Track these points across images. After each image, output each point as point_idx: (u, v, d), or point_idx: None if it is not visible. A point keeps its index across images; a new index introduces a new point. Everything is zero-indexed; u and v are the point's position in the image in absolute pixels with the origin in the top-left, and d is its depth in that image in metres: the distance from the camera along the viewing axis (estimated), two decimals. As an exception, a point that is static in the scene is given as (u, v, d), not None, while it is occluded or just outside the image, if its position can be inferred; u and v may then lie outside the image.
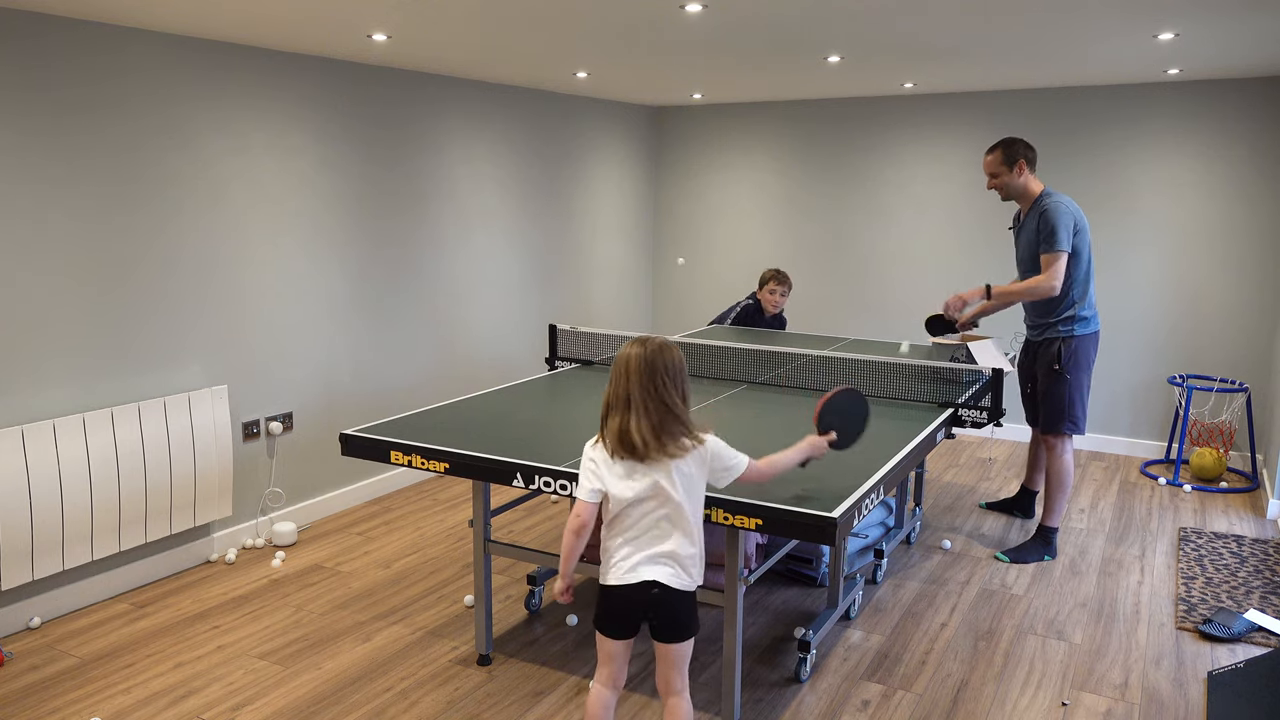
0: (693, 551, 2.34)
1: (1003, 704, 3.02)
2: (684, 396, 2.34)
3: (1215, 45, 4.09)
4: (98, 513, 3.59)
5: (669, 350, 2.34)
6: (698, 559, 2.36)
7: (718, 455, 2.37)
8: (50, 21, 3.40)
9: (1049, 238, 3.93)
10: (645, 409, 2.28)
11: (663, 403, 2.28)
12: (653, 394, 2.28)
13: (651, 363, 2.30)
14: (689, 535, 2.32)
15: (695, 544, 2.34)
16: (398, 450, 3.00)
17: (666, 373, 2.30)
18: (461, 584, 3.91)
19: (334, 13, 3.35)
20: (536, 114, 5.89)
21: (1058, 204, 3.95)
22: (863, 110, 6.35)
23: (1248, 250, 5.42)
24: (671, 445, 2.28)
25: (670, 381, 2.30)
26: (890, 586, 3.90)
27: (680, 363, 2.35)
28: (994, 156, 4.06)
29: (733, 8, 3.24)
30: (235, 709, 2.97)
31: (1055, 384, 4.11)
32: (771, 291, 5.26)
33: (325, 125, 4.49)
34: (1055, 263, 3.93)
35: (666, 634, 2.36)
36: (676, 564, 2.32)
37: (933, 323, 4.40)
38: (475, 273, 5.51)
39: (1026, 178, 4.05)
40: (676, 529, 2.31)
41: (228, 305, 4.13)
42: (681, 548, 2.31)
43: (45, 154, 3.43)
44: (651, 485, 2.29)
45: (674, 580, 2.31)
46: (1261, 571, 4.02)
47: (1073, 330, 4.07)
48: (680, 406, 2.32)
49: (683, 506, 2.30)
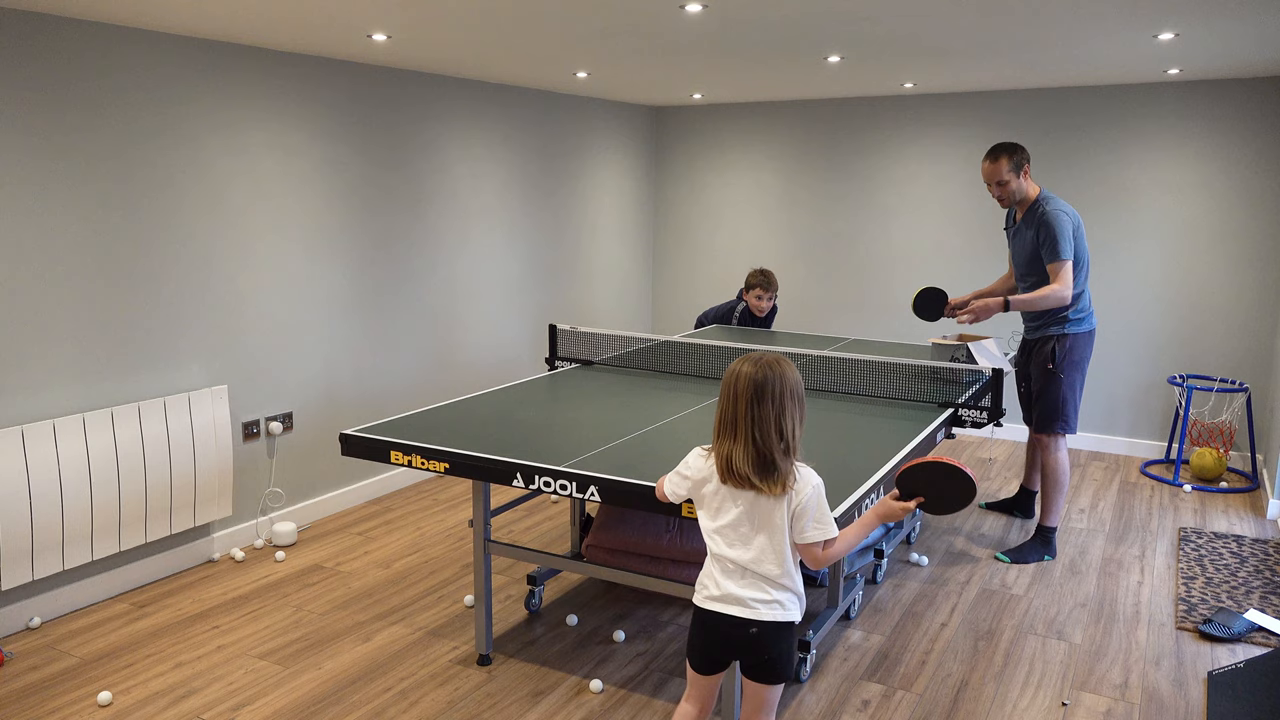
0: (786, 586, 2.15)
1: (1003, 704, 3.02)
2: (796, 425, 2.11)
3: (1215, 45, 4.09)
4: (98, 513, 3.59)
5: (783, 369, 2.10)
6: (794, 594, 2.18)
7: (805, 507, 2.09)
8: (50, 21, 3.40)
9: (1052, 247, 3.93)
10: (751, 438, 2.08)
11: (773, 431, 2.07)
12: (760, 421, 2.07)
13: (761, 385, 2.08)
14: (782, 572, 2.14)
15: (788, 580, 2.15)
16: (398, 450, 3.00)
17: (777, 397, 2.07)
18: (461, 584, 3.91)
19: (334, 13, 3.35)
20: (536, 114, 5.89)
21: (1057, 211, 3.95)
22: (863, 110, 6.35)
23: (1248, 250, 5.42)
24: (780, 481, 2.08)
25: (783, 407, 2.08)
26: (890, 586, 3.90)
27: (797, 385, 2.11)
28: (999, 164, 3.99)
29: (733, 8, 3.24)
30: (235, 709, 2.97)
31: (1049, 383, 4.12)
32: (758, 297, 5.23)
33: (325, 125, 4.49)
34: (1063, 271, 3.93)
35: (758, 674, 2.19)
36: (771, 594, 2.14)
37: (923, 300, 4.36)
38: (475, 273, 5.51)
39: (1028, 182, 4.05)
40: (767, 565, 2.13)
41: (228, 305, 4.13)
42: (772, 582, 2.14)
43: (45, 154, 3.43)
44: (746, 514, 2.13)
45: (769, 612, 2.13)
46: (1261, 571, 4.02)
47: (1064, 329, 4.08)
48: (791, 438, 2.09)
49: (773, 541, 2.12)
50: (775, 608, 2.13)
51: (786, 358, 2.17)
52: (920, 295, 4.41)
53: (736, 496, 2.13)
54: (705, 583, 2.20)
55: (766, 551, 2.12)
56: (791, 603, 2.16)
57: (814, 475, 2.14)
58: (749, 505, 2.12)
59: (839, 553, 2.15)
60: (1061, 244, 3.92)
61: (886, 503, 2.21)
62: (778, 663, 2.17)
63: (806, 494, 2.10)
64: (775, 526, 2.11)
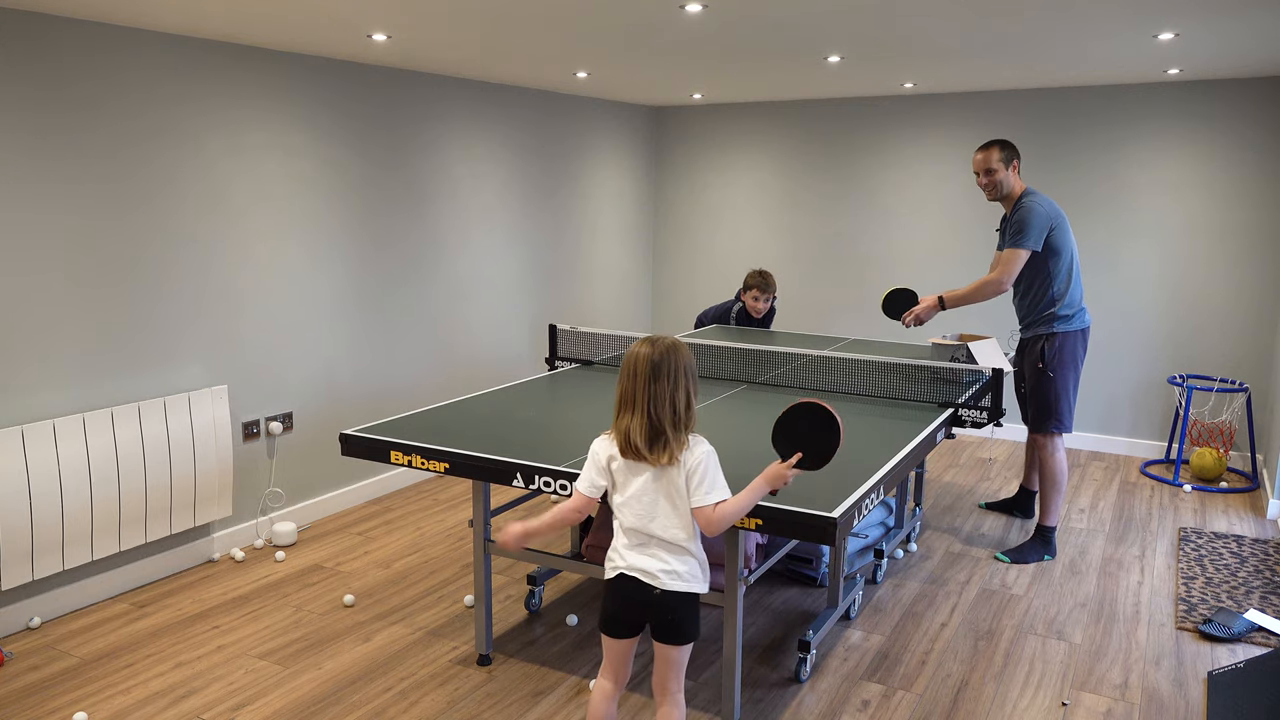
0: (690, 554, 2.32)
1: (1003, 704, 3.02)
2: (689, 400, 2.29)
3: (1215, 45, 4.09)
4: (98, 513, 3.59)
5: (677, 351, 2.30)
6: (697, 562, 2.35)
7: (696, 471, 2.26)
8: (50, 21, 3.40)
9: (1016, 235, 3.98)
10: (647, 412, 2.25)
11: (668, 405, 2.25)
12: (656, 397, 2.25)
13: (658, 364, 2.26)
14: (687, 538, 2.31)
15: (692, 546, 2.32)
16: (398, 450, 3.00)
17: (672, 375, 2.26)
18: (461, 584, 3.91)
19: (334, 13, 3.35)
20: (536, 114, 5.89)
21: (1034, 204, 3.99)
22: (863, 110, 6.35)
23: (1248, 250, 5.42)
24: (669, 451, 2.26)
25: (676, 384, 2.26)
26: (890, 586, 3.90)
27: (689, 364, 2.30)
28: (989, 153, 4.06)
29: (733, 8, 3.24)
30: (235, 709, 2.97)
31: (1040, 382, 4.13)
32: (755, 298, 5.23)
33: (325, 125, 4.49)
34: (1012, 260, 3.99)
35: (664, 635, 2.36)
36: (672, 565, 2.31)
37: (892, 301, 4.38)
38: (475, 272, 5.51)
39: (1015, 178, 4.09)
40: (673, 531, 2.30)
41: (228, 305, 4.13)
42: (677, 550, 2.30)
43: (45, 154, 3.43)
44: (649, 485, 2.29)
45: (672, 582, 2.30)
46: (1261, 571, 4.02)
47: (1053, 328, 4.08)
48: (684, 411, 2.27)
49: (677, 509, 2.29)
50: (675, 578, 2.30)
51: (682, 341, 2.38)
52: (889, 295, 4.41)
53: (637, 469, 2.30)
54: (612, 557, 2.38)
55: (671, 518, 2.29)
56: (693, 573, 2.33)
57: (705, 443, 2.31)
58: (651, 476, 2.29)
59: (730, 514, 2.27)
60: (1026, 233, 3.95)
61: (771, 468, 2.32)
62: (683, 625, 2.34)
63: (698, 457, 2.26)
64: (676, 493, 2.28)
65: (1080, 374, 4.19)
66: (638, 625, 2.39)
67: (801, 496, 2.51)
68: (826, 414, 2.29)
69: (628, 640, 2.41)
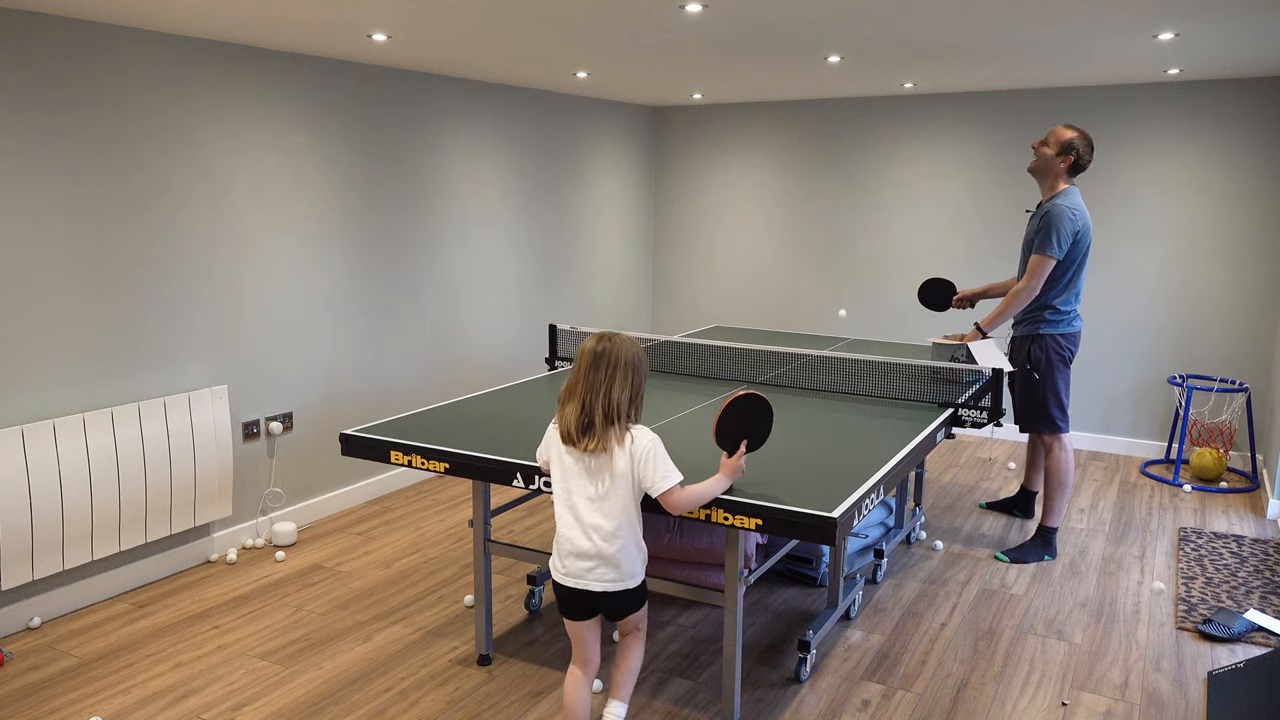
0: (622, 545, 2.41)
1: (1003, 704, 3.02)
2: (632, 395, 2.39)
3: (1215, 45, 4.09)
4: (98, 513, 3.59)
5: (622, 346, 2.39)
6: (632, 555, 2.43)
7: (645, 460, 2.38)
8: (50, 21, 3.40)
9: (1044, 240, 3.94)
10: (582, 402, 2.37)
11: (602, 397, 2.35)
12: (592, 387, 2.36)
13: (599, 357, 2.38)
14: (618, 528, 2.39)
15: (626, 539, 2.41)
16: (398, 450, 3.00)
17: (610, 368, 2.36)
18: (461, 584, 3.91)
19: (334, 13, 3.35)
20: (536, 114, 5.89)
21: (1064, 207, 3.93)
22: (863, 110, 6.35)
23: (1247, 250, 5.42)
24: (600, 440, 2.35)
25: (613, 378, 2.36)
26: (890, 586, 3.90)
27: (630, 360, 2.39)
28: (1059, 131, 3.95)
29: (733, 8, 3.24)
30: (235, 709, 2.97)
31: (1027, 382, 4.13)
32: None
33: (325, 125, 4.49)
34: (1039, 266, 3.96)
35: (616, 616, 2.52)
36: (603, 561, 2.40)
37: (929, 289, 4.40)
38: (475, 273, 5.51)
39: (1063, 172, 3.99)
40: (607, 522, 2.39)
41: (228, 305, 4.13)
42: (609, 540, 2.39)
43: (45, 154, 3.43)
44: (584, 473, 2.40)
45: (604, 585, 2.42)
46: (1261, 571, 4.02)
47: (1039, 330, 4.08)
48: (623, 404, 2.37)
49: (607, 498, 2.38)
50: (607, 582, 2.42)
51: (632, 337, 2.47)
52: (926, 284, 4.42)
53: (574, 454, 2.42)
54: (555, 561, 2.49)
55: (600, 504, 2.39)
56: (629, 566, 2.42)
57: (649, 432, 2.42)
58: (587, 462, 2.40)
59: (696, 496, 2.40)
60: (1054, 239, 3.92)
61: (727, 464, 2.46)
62: (628, 606, 2.49)
63: (644, 446, 2.37)
64: (612, 480, 2.38)
65: (1070, 376, 4.18)
66: (590, 612, 2.50)
67: (802, 496, 2.51)
68: (744, 400, 2.49)
69: (586, 622, 2.52)
